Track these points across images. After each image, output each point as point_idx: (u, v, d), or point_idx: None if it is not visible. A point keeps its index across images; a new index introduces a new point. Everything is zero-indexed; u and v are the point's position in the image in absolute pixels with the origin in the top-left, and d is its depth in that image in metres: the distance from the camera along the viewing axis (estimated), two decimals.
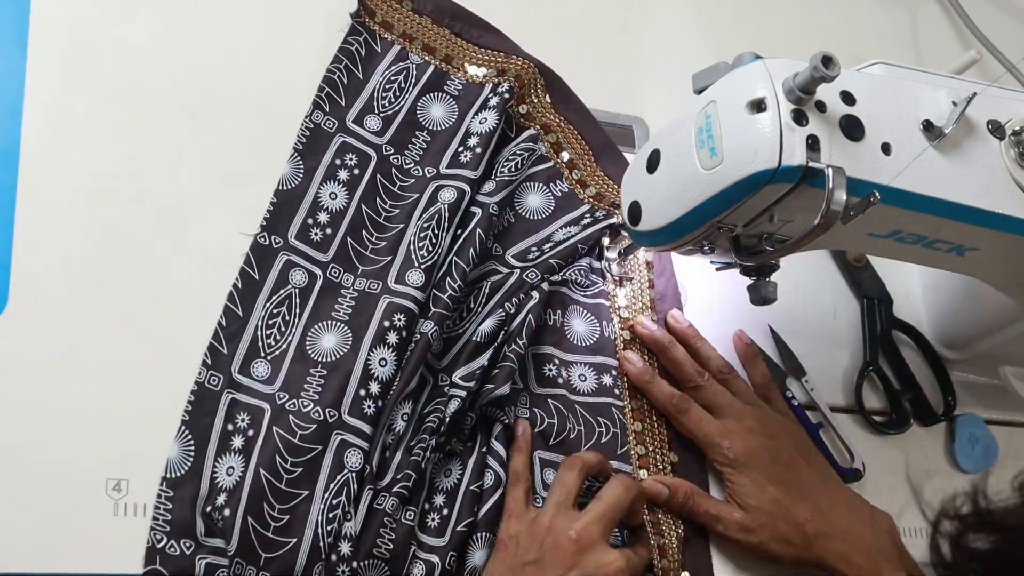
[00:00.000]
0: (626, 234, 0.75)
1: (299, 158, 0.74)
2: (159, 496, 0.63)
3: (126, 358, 0.66)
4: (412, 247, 0.72)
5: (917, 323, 0.89)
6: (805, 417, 0.80)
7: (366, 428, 0.66)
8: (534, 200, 0.80)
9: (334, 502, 0.63)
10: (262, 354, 0.68)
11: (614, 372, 0.76)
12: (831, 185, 0.57)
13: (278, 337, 0.68)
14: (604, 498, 0.66)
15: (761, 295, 0.68)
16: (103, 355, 0.65)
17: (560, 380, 0.74)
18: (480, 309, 0.73)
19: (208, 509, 0.63)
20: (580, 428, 0.72)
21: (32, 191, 0.67)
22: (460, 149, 0.77)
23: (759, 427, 0.74)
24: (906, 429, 0.84)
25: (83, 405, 0.64)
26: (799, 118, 0.58)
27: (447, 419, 0.67)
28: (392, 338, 0.68)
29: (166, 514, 0.62)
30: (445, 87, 0.80)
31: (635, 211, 0.68)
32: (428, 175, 0.76)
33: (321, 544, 0.62)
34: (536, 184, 0.80)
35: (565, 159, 0.82)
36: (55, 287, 0.66)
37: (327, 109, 0.76)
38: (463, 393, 0.68)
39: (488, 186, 0.77)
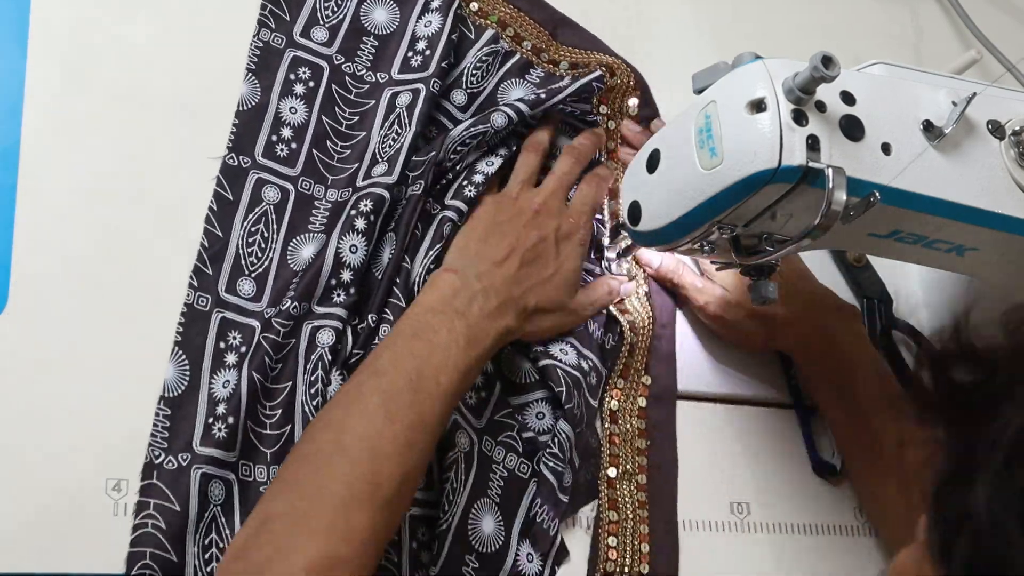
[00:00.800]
0: (626, 234, 0.75)
1: (254, 77, 0.74)
2: (157, 415, 0.64)
3: (126, 358, 0.66)
4: (376, 151, 0.74)
5: (917, 323, 0.89)
6: (799, 398, 0.81)
7: (339, 312, 0.68)
8: (516, 94, 0.81)
9: (311, 378, 0.66)
10: (246, 272, 0.70)
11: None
12: (831, 185, 0.57)
13: (259, 254, 0.70)
14: (557, 173, 0.76)
15: (761, 295, 0.68)
16: (103, 355, 0.65)
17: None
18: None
19: (210, 420, 0.64)
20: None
21: (32, 191, 0.67)
22: (409, 54, 0.78)
23: None
24: None
25: (83, 405, 0.64)
26: (799, 118, 0.58)
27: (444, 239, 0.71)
28: (360, 223, 0.69)
29: (164, 431, 0.64)
30: None
31: (635, 211, 0.68)
32: (381, 80, 0.78)
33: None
34: (514, 80, 0.81)
35: (528, 47, 0.83)
36: (55, 287, 0.66)
37: (273, 26, 0.76)
38: (454, 215, 0.72)
39: (458, 97, 0.78)
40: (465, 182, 0.74)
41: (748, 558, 0.76)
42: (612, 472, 0.74)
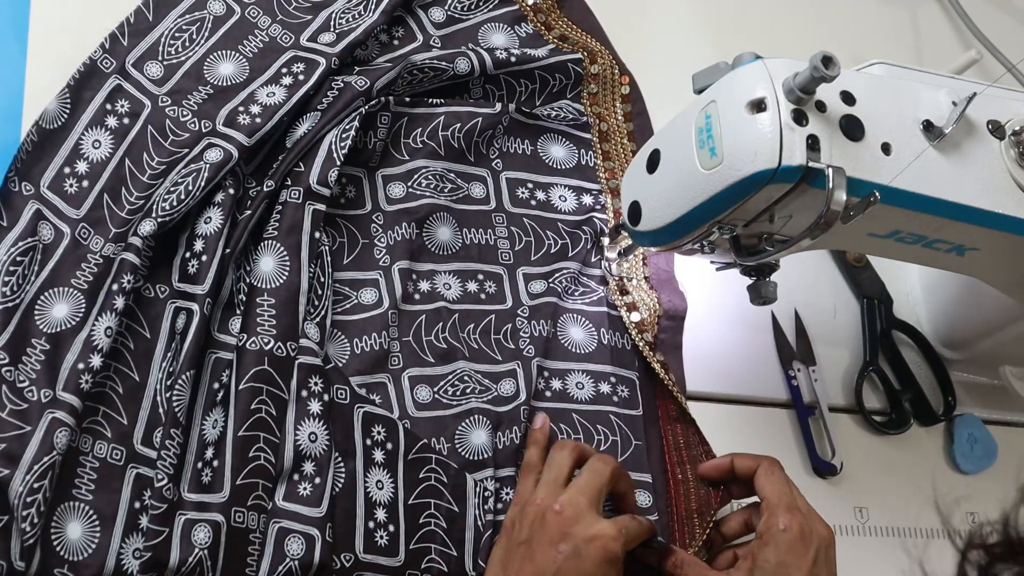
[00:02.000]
0: (626, 234, 0.75)
1: (67, 94, 0.69)
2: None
3: None
4: (157, 203, 0.66)
5: (917, 323, 0.89)
6: (799, 399, 0.81)
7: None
8: (498, 38, 0.82)
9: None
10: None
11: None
12: (831, 185, 0.57)
13: (9, 294, 0.64)
14: (585, 472, 0.66)
15: (761, 295, 0.68)
16: None
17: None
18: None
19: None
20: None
21: None
22: (240, 109, 0.71)
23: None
24: (906, 429, 0.84)
25: None
26: (799, 118, 0.58)
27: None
28: (119, 302, 0.63)
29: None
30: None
31: (635, 211, 0.68)
32: (205, 130, 0.70)
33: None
34: (500, 24, 0.83)
35: (529, 3, 0.85)
36: None
37: (107, 46, 0.71)
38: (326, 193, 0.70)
39: (437, 14, 0.80)
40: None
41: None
42: None
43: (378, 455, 0.66)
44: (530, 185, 0.80)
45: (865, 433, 0.84)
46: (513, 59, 0.79)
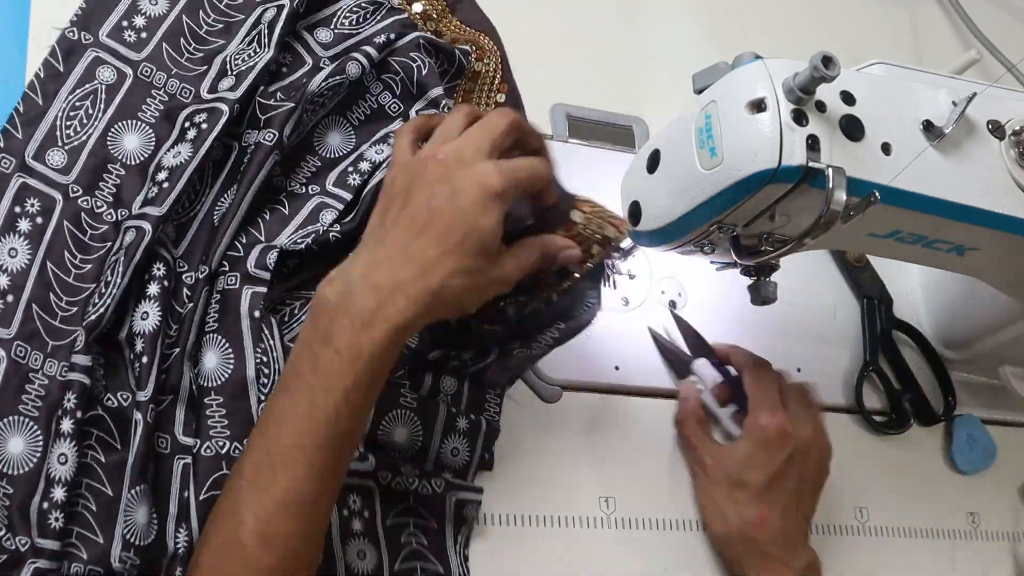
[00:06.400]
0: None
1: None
2: None
3: None
4: (229, 62, 0.70)
5: (917, 323, 0.89)
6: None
7: (153, 212, 0.63)
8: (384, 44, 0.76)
9: (106, 277, 0.63)
10: (59, 143, 0.66)
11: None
12: (831, 185, 0.57)
13: (79, 128, 0.65)
14: (477, 124, 0.59)
15: (761, 295, 0.68)
16: None
17: None
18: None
19: None
20: None
21: None
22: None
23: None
24: (906, 429, 0.84)
25: None
26: (799, 118, 0.58)
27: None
28: (191, 133, 0.67)
29: None
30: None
31: (635, 211, 0.68)
32: None
33: (93, 314, 0.61)
34: (389, 35, 0.75)
35: (419, 11, 0.80)
36: None
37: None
38: (336, 204, 0.68)
39: (323, 35, 0.75)
40: (350, 168, 0.71)
41: None
42: None
43: (356, 525, 0.64)
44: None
45: (865, 433, 0.84)
46: (394, 35, 0.75)
